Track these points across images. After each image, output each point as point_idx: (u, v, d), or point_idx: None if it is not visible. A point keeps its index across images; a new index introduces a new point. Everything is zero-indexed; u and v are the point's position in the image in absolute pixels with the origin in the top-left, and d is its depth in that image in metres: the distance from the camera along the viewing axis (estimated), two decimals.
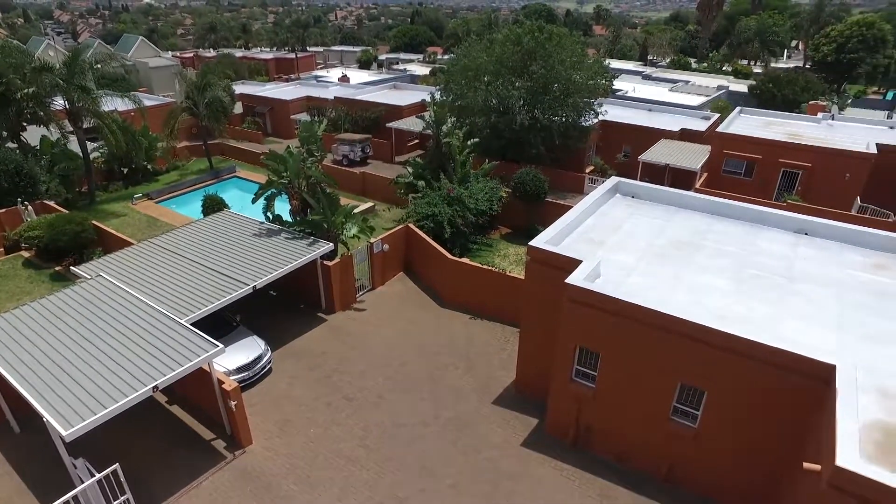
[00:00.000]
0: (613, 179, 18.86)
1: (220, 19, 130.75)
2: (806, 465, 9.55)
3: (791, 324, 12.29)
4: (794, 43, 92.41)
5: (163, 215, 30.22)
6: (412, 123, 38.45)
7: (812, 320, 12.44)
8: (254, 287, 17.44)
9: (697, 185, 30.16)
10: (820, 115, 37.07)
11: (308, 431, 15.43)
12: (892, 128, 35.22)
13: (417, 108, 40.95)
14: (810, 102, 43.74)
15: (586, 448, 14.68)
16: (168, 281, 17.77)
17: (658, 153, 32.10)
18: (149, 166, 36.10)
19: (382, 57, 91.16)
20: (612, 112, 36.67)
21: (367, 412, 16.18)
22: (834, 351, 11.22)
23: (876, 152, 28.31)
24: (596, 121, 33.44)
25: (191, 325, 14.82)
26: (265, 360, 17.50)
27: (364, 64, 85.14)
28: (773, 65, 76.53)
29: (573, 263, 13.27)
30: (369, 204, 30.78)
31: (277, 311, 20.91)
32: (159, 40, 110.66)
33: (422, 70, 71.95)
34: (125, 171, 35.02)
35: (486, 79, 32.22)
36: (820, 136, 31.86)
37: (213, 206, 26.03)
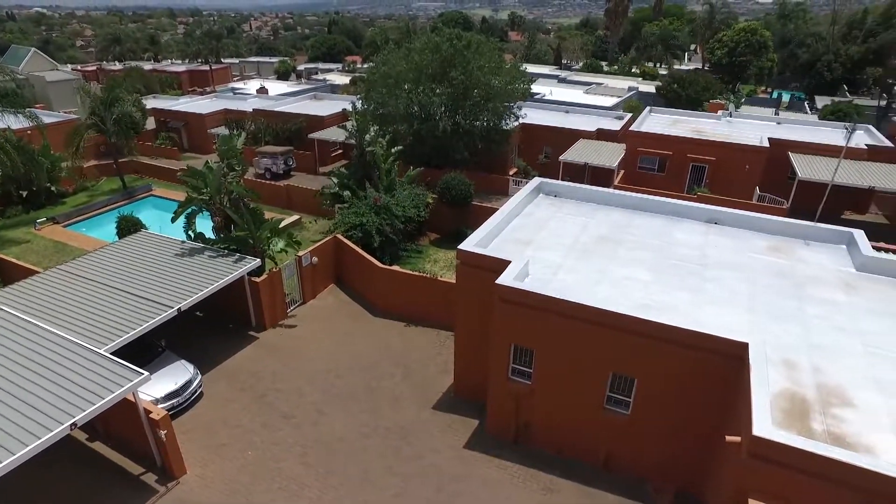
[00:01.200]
0: (536, 180, 19.48)
1: (125, 30, 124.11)
2: (728, 437, 10.26)
3: (708, 308, 13.15)
4: (692, 47, 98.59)
5: (72, 240, 28.34)
6: (335, 133, 38.09)
7: (726, 303, 13.37)
8: (178, 309, 16.73)
9: (616, 182, 31.62)
10: (720, 112, 39.83)
11: (245, 454, 14.97)
12: (779, 123, 38.50)
13: (339, 118, 40.60)
14: (711, 101, 46.83)
15: (527, 444, 15.05)
16: (83, 309, 16.73)
17: (577, 153, 33.38)
18: (52, 188, 33.67)
19: (301, 67, 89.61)
20: (532, 115, 37.81)
21: (306, 429, 15.88)
22: (746, 330, 12.09)
23: (768, 146, 30.77)
24: (516, 124, 34.35)
25: (111, 354, 14.04)
26: (195, 384, 16.81)
27: (282, 75, 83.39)
28: (676, 67, 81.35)
29: (502, 264, 13.61)
30: (295, 217, 30.20)
31: (206, 332, 20.13)
32: (55, 52, 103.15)
33: (342, 79, 71.36)
34: (24, 194, 32.52)
35: (406, 86, 32.40)
36: (721, 133, 34.29)
37: (128, 227, 24.71)
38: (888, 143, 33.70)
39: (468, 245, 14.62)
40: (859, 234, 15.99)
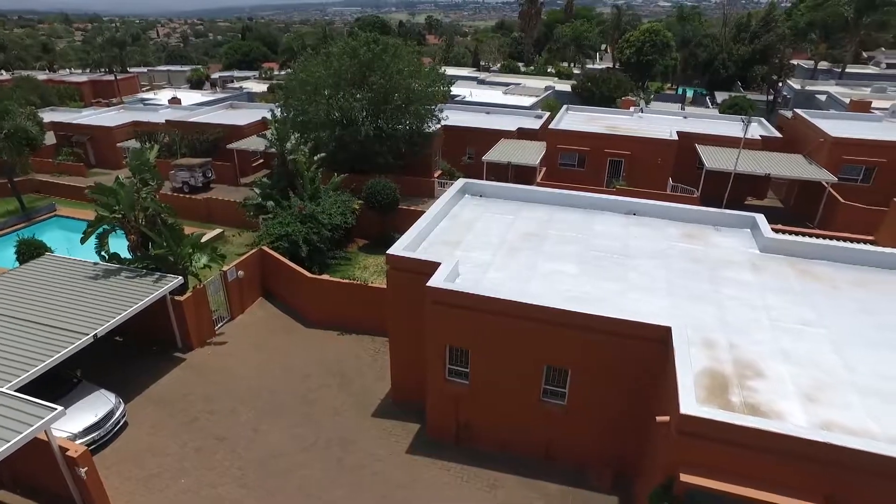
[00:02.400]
0: (461, 181, 19.74)
1: (11, 36, 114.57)
2: (658, 418, 10.79)
3: (632, 296, 13.78)
4: (603, 46, 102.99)
5: None
6: (254, 143, 37.02)
7: (648, 290, 14.06)
8: (94, 336, 15.72)
9: (539, 180, 32.56)
10: (631, 109, 41.83)
11: (179, 482, 14.27)
12: (685, 118, 40.97)
13: (259, 127, 39.49)
14: (623, 98, 49.00)
15: (469, 443, 15.20)
16: None
17: (500, 152, 34.08)
18: None
19: (215, 75, 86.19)
20: (454, 117, 38.25)
21: (243, 449, 15.34)
22: (668, 314, 12.75)
23: (677, 139, 32.62)
24: (438, 126, 34.64)
25: (17, 390, 13.01)
26: (118, 414, 15.84)
27: (196, 84, 79.90)
28: (589, 66, 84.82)
29: (432, 266, 13.70)
30: (218, 231, 29.10)
31: (128, 358, 19.03)
32: None
33: (259, 87, 69.43)
34: None
35: (326, 92, 31.97)
36: (634, 128, 36.00)
37: (30, 251, 22.86)
38: (778, 134, 36.62)
39: (397, 249, 14.61)
40: (761, 219, 17.24)
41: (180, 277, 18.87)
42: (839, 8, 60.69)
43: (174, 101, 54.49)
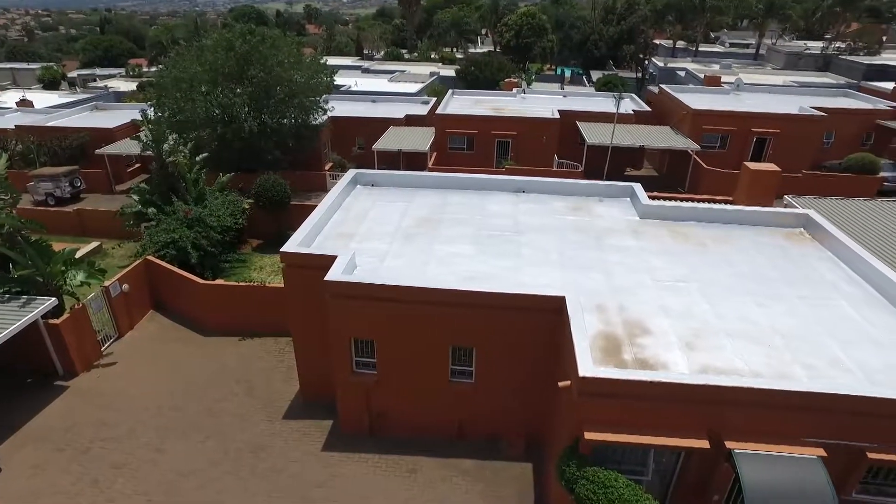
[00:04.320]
0: (352, 172, 19.52)
1: None
2: (560, 383, 11.40)
3: (527, 270, 14.35)
4: (483, 31, 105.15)
5: None
6: (128, 146, 34.26)
7: (541, 263, 14.70)
8: None
9: (430, 165, 32.88)
10: (514, 90, 43.20)
11: None
12: (565, 97, 43.02)
13: (131, 129, 36.50)
14: (505, 80, 50.41)
15: (385, 432, 15.26)
16: None
17: (389, 140, 34.01)
18: None
19: (73, 74, 78.39)
20: (340, 107, 37.59)
21: (146, 473, 14.41)
22: (561, 285, 13.41)
23: (559, 117, 34.21)
24: (325, 118, 33.94)
25: None
26: None
27: (50, 84, 72.27)
28: (471, 50, 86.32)
29: (329, 260, 13.51)
30: (94, 244, 26.82)
31: None
32: None
33: (127, 86, 64.06)
34: None
35: (203, 89, 30.24)
36: (518, 108, 37.30)
37: None
38: (647, 108, 39.48)
39: (291, 246, 14.25)
40: (638, 187, 18.56)
41: (54, 299, 17.23)
42: None
43: (24, 104, 48.90)
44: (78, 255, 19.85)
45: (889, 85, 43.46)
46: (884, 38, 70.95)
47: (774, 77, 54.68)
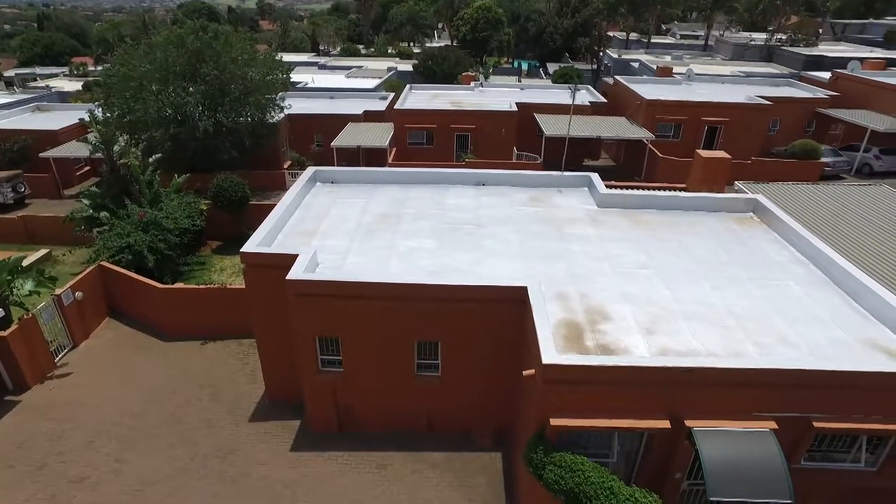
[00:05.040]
0: (311, 170, 19.32)
1: None
2: (525, 372, 11.58)
3: (489, 262, 14.50)
4: (440, 25, 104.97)
5: None
6: (75, 149, 32.98)
7: (502, 255, 14.87)
8: None
9: (390, 161, 32.79)
10: (472, 84, 43.39)
11: None
12: (522, 89, 43.43)
13: (79, 131, 35.10)
14: (463, 74, 50.56)
15: (353, 429, 15.23)
16: None
17: (348, 137, 33.73)
18: None
19: (10, 73, 74.89)
20: (297, 105, 37.10)
21: (108, 485, 14.03)
22: (523, 275, 13.62)
23: (517, 110, 34.54)
24: (282, 116, 33.43)
25: None
26: None
27: None
28: (428, 45, 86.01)
29: (290, 259, 13.37)
30: (42, 251, 25.81)
31: None
32: None
33: (72, 85, 61.54)
34: None
35: (154, 88, 29.38)
36: (476, 102, 37.50)
37: None
38: (603, 100, 40.21)
39: (251, 246, 14.05)
40: (595, 177, 18.95)
41: (0, 310, 16.56)
42: None
43: None
44: (25, 263, 19.10)
45: (826, 74, 45.37)
46: (820, 31, 74.20)
47: (723, 67, 56.34)
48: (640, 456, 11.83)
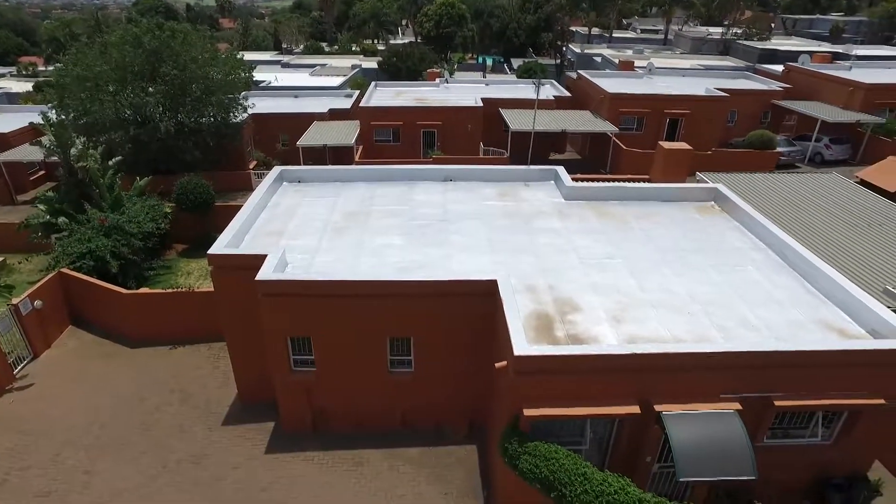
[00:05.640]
0: (277, 169, 19.12)
1: None
2: (497, 364, 11.72)
3: (458, 257, 14.60)
4: (404, 21, 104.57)
5: None
6: (28, 153, 31.86)
7: (472, 249, 14.99)
8: None
9: (357, 159, 32.64)
10: (437, 80, 43.42)
11: None
12: (487, 85, 43.66)
13: (31, 134, 33.96)
14: (428, 70, 50.53)
15: (328, 429, 15.19)
16: None
17: (313, 136, 33.44)
18: None
19: None
20: (261, 104, 36.61)
21: (77, 498, 13.65)
22: (492, 269, 13.77)
23: (482, 105, 34.74)
24: (246, 115, 32.93)
25: None
26: None
27: None
28: (392, 41, 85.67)
29: (259, 259, 13.24)
30: None
31: None
32: None
33: (21, 86, 59.34)
34: None
35: (111, 88, 28.61)
36: (442, 98, 37.56)
37: None
38: (567, 94, 40.75)
39: (219, 248, 13.86)
40: (561, 170, 19.21)
41: None
42: None
43: None
44: None
45: (779, 67, 46.96)
46: (772, 26, 76.75)
47: (682, 61, 57.66)
48: (612, 442, 12.12)
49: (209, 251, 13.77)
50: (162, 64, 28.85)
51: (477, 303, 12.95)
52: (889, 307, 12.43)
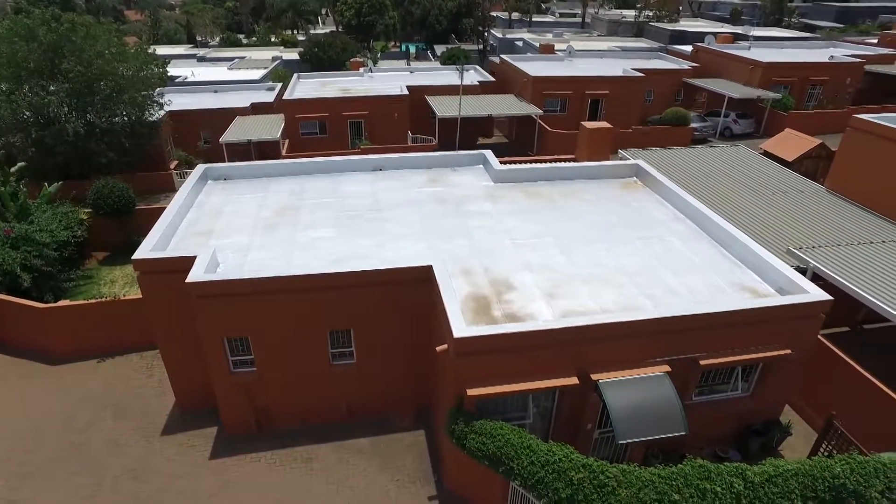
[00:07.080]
0: (200, 167, 18.43)
1: None
2: (438, 348, 11.90)
3: (392, 245, 14.64)
4: (323, 11, 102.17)
5: None
6: None
7: (405, 237, 15.06)
8: None
9: (284, 153, 31.87)
10: (361, 70, 42.91)
11: None
12: (412, 72, 43.58)
13: None
14: (351, 60, 49.73)
15: (273, 428, 14.96)
16: None
17: (236, 131, 32.37)
18: None
19: None
20: (179, 100, 34.96)
21: None
22: (427, 255, 13.92)
23: (408, 93, 34.67)
24: (162, 113, 31.36)
25: None
26: None
27: None
28: (312, 31, 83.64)
29: (188, 261, 12.79)
30: None
31: None
32: None
33: None
34: None
35: (4, 87, 26.52)
36: (367, 87, 37.20)
37: None
38: (491, 78, 41.26)
39: (144, 252, 13.27)
40: (489, 154, 19.54)
41: None
42: None
43: None
44: None
45: (688, 48, 49.52)
46: (680, 8, 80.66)
47: (600, 43, 59.51)
48: (554, 413, 12.61)
49: (134, 256, 13.16)
50: (63, 60, 26.96)
51: (414, 289, 13.06)
52: (793, 266, 13.54)
